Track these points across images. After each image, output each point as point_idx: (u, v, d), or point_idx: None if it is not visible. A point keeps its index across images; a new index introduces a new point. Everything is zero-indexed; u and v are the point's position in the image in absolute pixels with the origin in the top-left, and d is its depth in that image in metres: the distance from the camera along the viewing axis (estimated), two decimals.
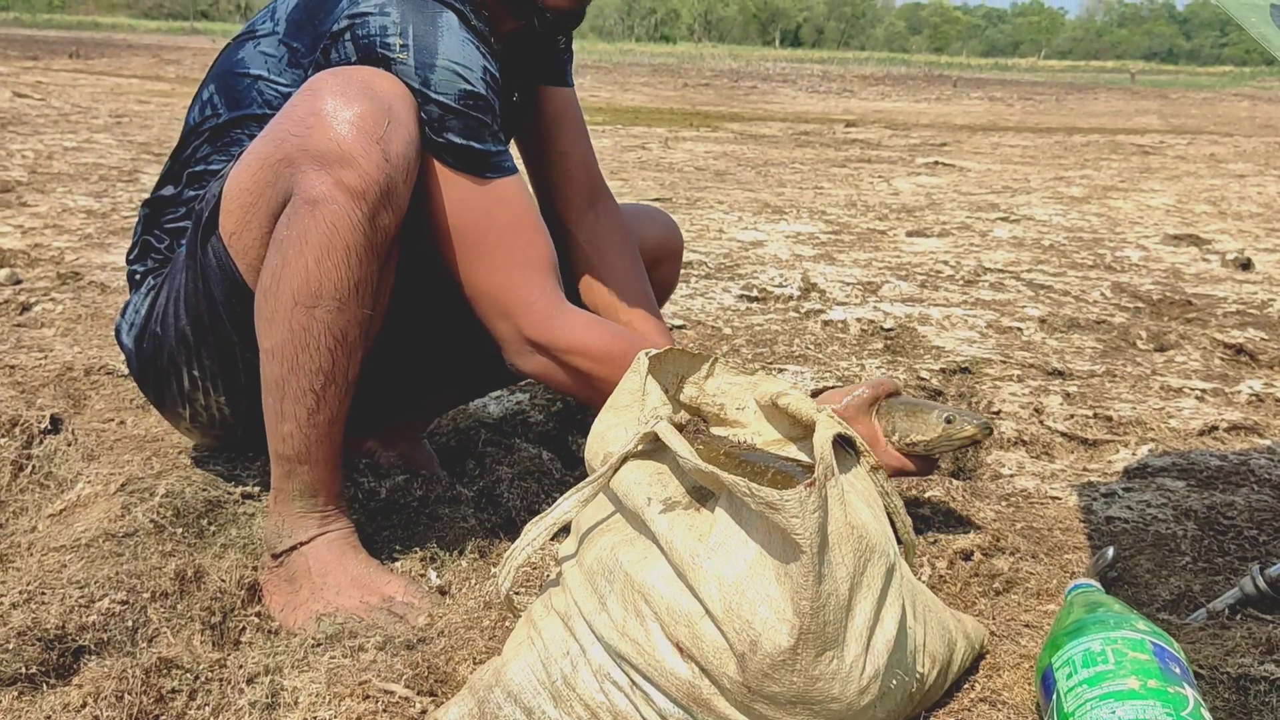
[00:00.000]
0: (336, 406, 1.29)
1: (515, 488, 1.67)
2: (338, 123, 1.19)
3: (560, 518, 1.07)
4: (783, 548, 0.93)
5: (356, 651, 1.18)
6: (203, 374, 1.42)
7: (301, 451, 1.29)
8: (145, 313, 1.46)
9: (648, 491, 1.03)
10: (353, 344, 1.26)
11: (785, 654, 0.91)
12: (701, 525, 0.99)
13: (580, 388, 1.37)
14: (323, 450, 1.30)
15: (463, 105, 1.26)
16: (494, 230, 1.32)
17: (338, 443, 1.32)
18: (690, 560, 0.96)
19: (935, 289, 3.42)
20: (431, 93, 1.25)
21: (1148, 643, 1.03)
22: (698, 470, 0.99)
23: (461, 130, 1.27)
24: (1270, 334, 2.93)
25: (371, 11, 1.26)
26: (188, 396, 1.46)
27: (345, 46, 1.27)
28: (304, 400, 1.26)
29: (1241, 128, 11.93)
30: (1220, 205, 5.64)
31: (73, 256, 3.26)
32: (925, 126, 11.08)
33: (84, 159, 5.47)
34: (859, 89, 18.89)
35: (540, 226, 1.36)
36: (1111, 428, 2.13)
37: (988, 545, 1.51)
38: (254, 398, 1.33)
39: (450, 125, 1.27)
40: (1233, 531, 1.62)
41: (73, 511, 1.49)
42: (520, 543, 1.07)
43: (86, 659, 1.16)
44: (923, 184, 6.25)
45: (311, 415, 1.27)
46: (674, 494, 1.03)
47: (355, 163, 1.18)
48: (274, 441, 1.31)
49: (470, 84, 1.26)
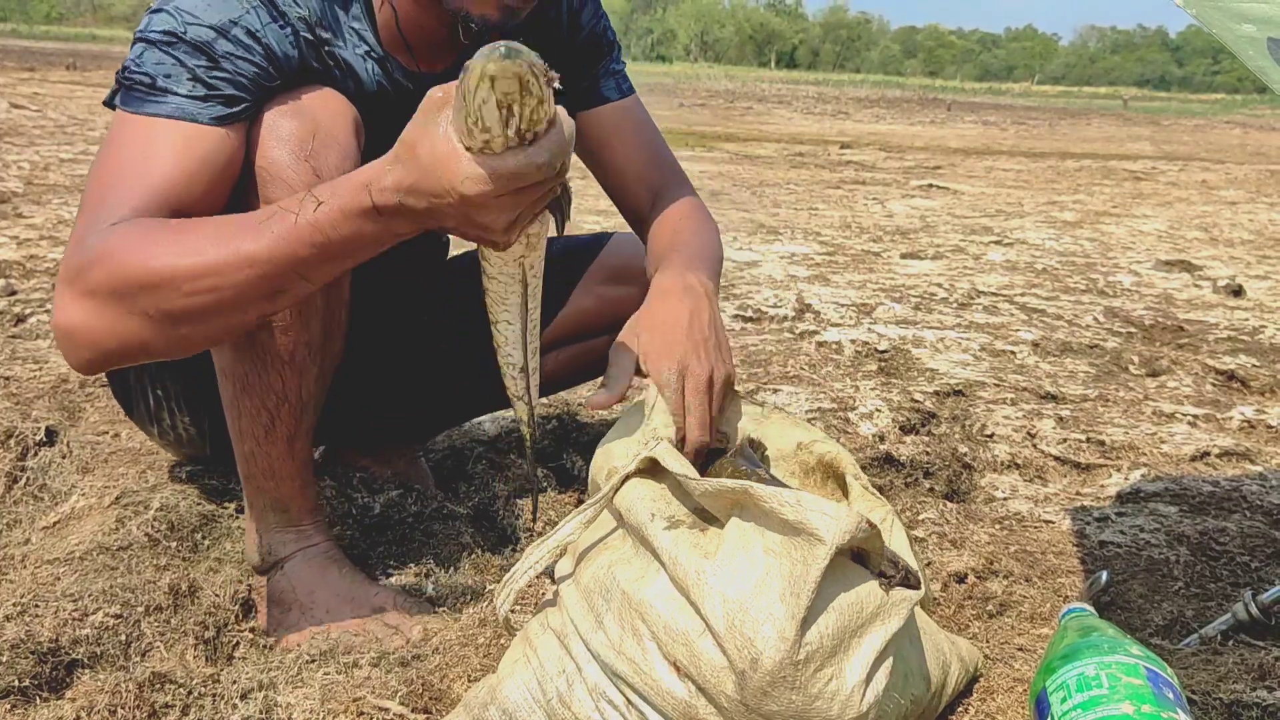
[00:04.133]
0: (294, 424, 1.28)
1: (510, 505, 1.67)
2: (271, 141, 1.17)
3: (563, 540, 1.07)
4: (791, 567, 0.93)
5: (351, 668, 1.18)
6: (165, 395, 1.43)
7: (265, 469, 1.30)
8: None
9: (651, 508, 1.03)
10: (301, 363, 1.25)
11: (786, 669, 0.91)
12: (706, 544, 1.00)
13: (151, 327, 1.04)
14: (287, 466, 1.30)
15: (161, 40, 1.13)
16: (100, 167, 1.12)
17: (303, 459, 1.32)
18: (695, 576, 0.96)
19: (929, 311, 3.44)
20: (141, 33, 1.15)
21: (1142, 667, 1.03)
22: (704, 493, 0.99)
23: (153, 64, 1.13)
24: (1261, 360, 2.94)
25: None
26: (154, 415, 1.47)
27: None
28: (259, 419, 1.26)
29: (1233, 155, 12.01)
30: (1212, 232, 5.68)
31: None
32: (919, 149, 11.14)
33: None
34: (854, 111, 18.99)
35: (168, 171, 1.10)
36: (1104, 452, 2.13)
37: (982, 568, 1.51)
38: (217, 417, 1.32)
39: (144, 59, 1.13)
40: (1225, 557, 1.63)
41: (67, 524, 1.49)
42: (521, 565, 1.08)
43: (80, 672, 1.15)
44: (917, 206, 6.27)
45: (269, 433, 1.27)
46: (677, 513, 1.03)
47: (285, 181, 1.15)
48: (240, 462, 1.31)
49: (179, 25, 1.13)
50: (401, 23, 1.28)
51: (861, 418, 2.23)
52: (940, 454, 2.03)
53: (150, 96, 1.12)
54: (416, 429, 1.79)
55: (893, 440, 2.11)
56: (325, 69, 1.25)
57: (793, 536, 0.95)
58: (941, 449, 2.06)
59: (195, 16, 1.14)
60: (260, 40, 1.17)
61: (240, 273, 1.01)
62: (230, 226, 1.03)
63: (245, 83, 1.15)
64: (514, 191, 0.94)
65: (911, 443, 2.10)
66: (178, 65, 1.13)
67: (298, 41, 1.21)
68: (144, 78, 1.13)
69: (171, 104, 1.12)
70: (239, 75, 1.15)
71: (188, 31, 1.13)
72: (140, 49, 1.14)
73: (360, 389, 1.59)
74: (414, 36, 1.30)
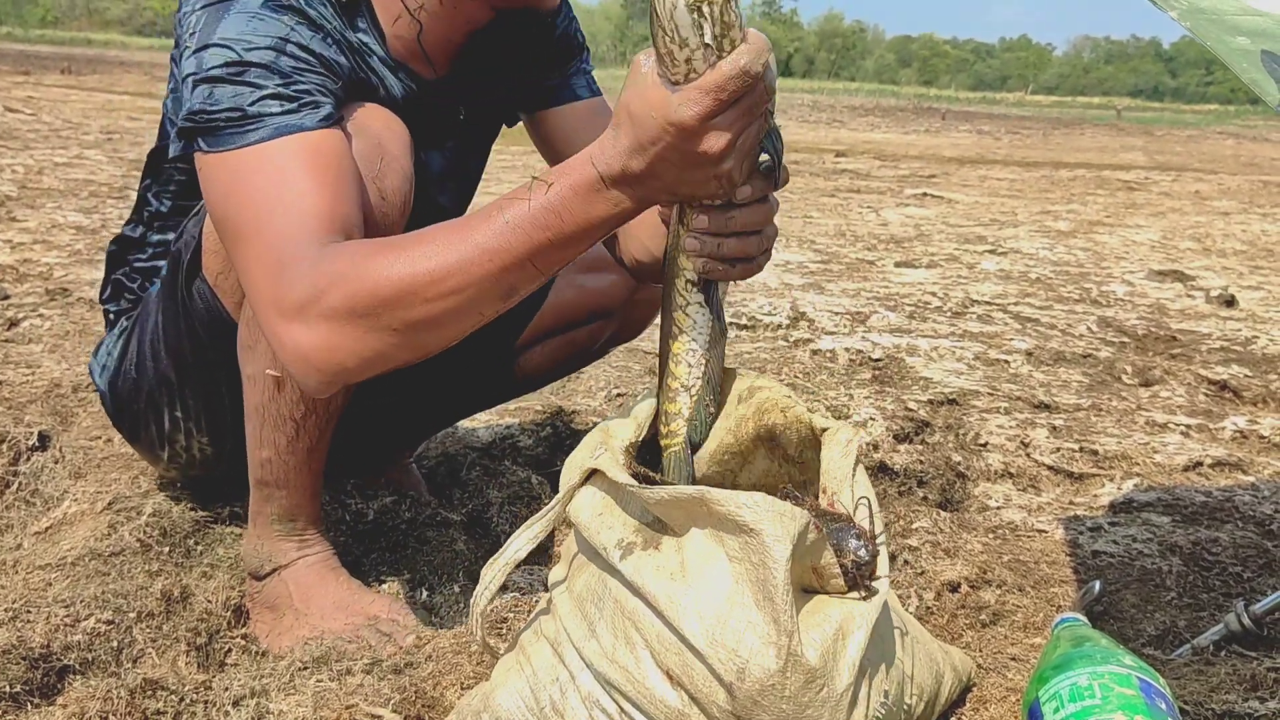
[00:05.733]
0: (316, 435, 1.28)
1: (504, 511, 1.67)
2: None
3: (513, 558, 1.05)
4: (757, 571, 0.93)
5: (343, 675, 1.18)
6: (186, 415, 1.42)
7: (280, 477, 1.29)
8: (119, 355, 1.45)
9: (602, 540, 1.02)
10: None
11: (774, 677, 0.91)
12: (666, 562, 0.98)
13: (394, 340, 1.01)
14: (302, 477, 1.30)
15: (228, 73, 1.10)
16: (241, 209, 1.08)
17: (317, 469, 1.32)
18: (667, 601, 0.95)
19: (923, 320, 3.44)
20: (199, 74, 1.11)
21: (1134, 678, 1.03)
22: (659, 502, 0.98)
23: (232, 96, 1.10)
24: (1254, 371, 2.95)
25: (186, 11, 1.19)
26: (168, 438, 1.45)
27: (174, 55, 1.21)
28: (284, 428, 1.26)
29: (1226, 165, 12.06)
30: (1205, 242, 5.70)
31: (61, 272, 3.26)
32: (914, 158, 11.17)
33: (74, 175, 5.46)
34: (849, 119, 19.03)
35: (321, 185, 1.08)
36: (1097, 462, 2.14)
37: (975, 577, 1.52)
38: (239, 437, 1.32)
39: (217, 96, 1.10)
40: (1218, 568, 1.63)
41: (59, 529, 1.48)
42: (480, 588, 1.05)
43: (71, 679, 1.15)
44: (911, 215, 6.29)
45: (291, 443, 1.27)
46: (627, 535, 1.01)
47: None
48: (253, 467, 1.30)
49: (238, 54, 1.11)
50: (425, 35, 1.28)
51: (855, 427, 2.23)
52: (934, 463, 2.03)
53: (246, 126, 1.09)
54: (407, 432, 1.78)
55: (887, 449, 2.11)
56: (365, 77, 1.25)
57: (751, 538, 0.93)
58: (935, 458, 2.06)
59: (249, 41, 1.11)
60: (314, 53, 1.15)
61: (480, 267, 0.97)
62: (459, 227, 0.99)
63: (321, 89, 1.13)
64: (729, 110, 0.89)
65: (905, 451, 2.10)
66: (256, 89, 1.09)
67: (343, 50, 1.20)
68: (229, 113, 1.09)
69: (272, 124, 1.08)
70: (313, 84, 1.13)
71: (249, 55, 1.11)
72: (206, 90, 1.10)
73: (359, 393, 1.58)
74: (435, 47, 1.30)
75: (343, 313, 0.99)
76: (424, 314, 0.99)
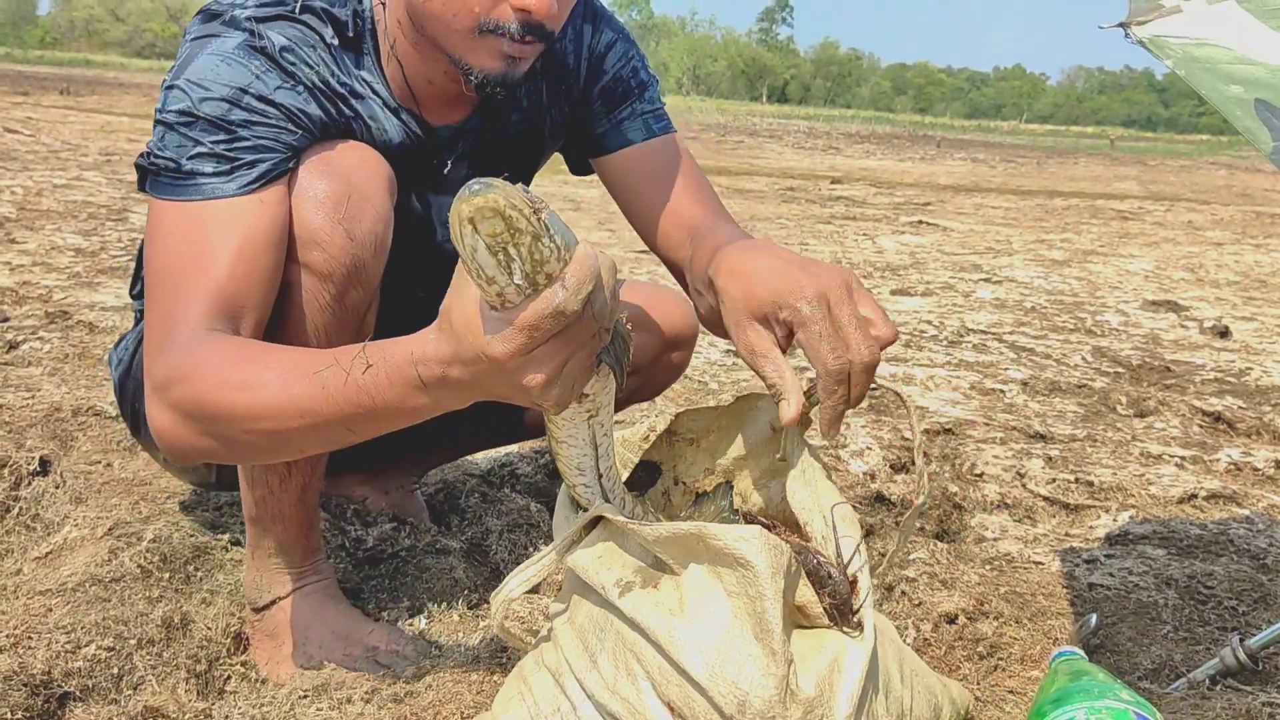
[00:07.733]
0: (309, 474, 1.29)
1: (504, 539, 1.68)
2: (305, 204, 1.16)
3: (504, 601, 1.06)
4: (752, 604, 0.94)
5: (343, 704, 1.18)
6: None
7: (274, 513, 1.30)
8: (132, 350, 1.46)
9: (600, 579, 1.03)
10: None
11: (775, 708, 0.91)
12: (666, 599, 1.00)
13: (221, 448, 1.07)
14: (297, 512, 1.31)
15: (178, 120, 1.15)
16: (155, 261, 1.15)
17: (313, 504, 1.32)
18: (666, 636, 0.96)
19: (919, 349, 3.46)
20: (160, 113, 1.17)
21: (1131, 712, 1.04)
22: (657, 539, 0.99)
23: (175, 146, 1.14)
24: (1248, 402, 2.97)
25: (184, 37, 1.22)
26: None
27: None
28: (275, 468, 1.26)
29: (1219, 196, 12.14)
30: (1198, 272, 5.73)
31: (61, 295, 3.27)
32: (909, 185, 11.23)
33: (73, 196, 5.48)
34: (845, 146, 19.14)
35: (219, 260, 1.12)
36: (1093, 493, 2.15)
37: (972, 609, 1.52)
38: None
39: (165, 143, 1.15)
40: (1213, 601, 1.64)
41: (59, 555, 1.49)
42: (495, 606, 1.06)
43: (72, 705, 1.15)
44: (907, 243, 6.32)
45: (284, 482, 1.28)
46: (624, 574, 1.03)
47: (321, 245, 1.16)
48: (247, 505, 1.31)
49: (193, 102, 1.14)
50: (408, 76, 1.27)
51: (852, 455, 2.24)
52: (930, 493, 2.04)
53: (180, 182, 1.13)
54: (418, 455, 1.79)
55: (883, 479, 2.12)
56: (348, 123, 1.25)
57: (747, 571, 0.95)
58: (932, 488, 2.07)
59: (206, 90, 1.14)
60: (274, 103, 1.17)
61: (295, 421, 0.99)
62: (293, 369, 1.00)
63: (266, 144, 1.15)
64: (546, 345, 0.85)
65: (902, 481, 2.11)
66: (195, 145, 1.13)
67: (314, 98, 1.21)
68: (169, 163, 1.14)
69: (204, 187, 1.13)
70: (259, 140, 1.15)
71: (201, 107, 1.14)
72: (161, 132, 1.15)
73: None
74: (421, 90, 1.29)
75: (183, 408, 1.04)
76: (242, 440, 1.03)
